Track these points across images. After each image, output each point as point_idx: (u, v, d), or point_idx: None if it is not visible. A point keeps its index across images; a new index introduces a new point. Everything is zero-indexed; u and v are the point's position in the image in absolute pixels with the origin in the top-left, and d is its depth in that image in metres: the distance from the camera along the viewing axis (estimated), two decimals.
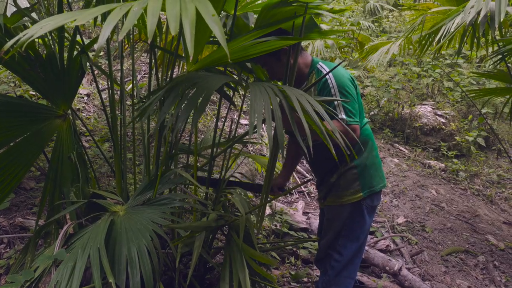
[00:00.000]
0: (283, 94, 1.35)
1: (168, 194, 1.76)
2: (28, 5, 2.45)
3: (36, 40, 2.04)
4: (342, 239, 2.05)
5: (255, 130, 1.13)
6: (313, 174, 2.31)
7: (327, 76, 1.82)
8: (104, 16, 2.01)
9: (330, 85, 1.82)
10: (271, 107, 1.27)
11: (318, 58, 2.13)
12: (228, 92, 2.27)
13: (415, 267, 3.15)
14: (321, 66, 1.92)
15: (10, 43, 0.95)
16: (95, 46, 5.24)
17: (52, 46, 1.83)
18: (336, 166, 2.01)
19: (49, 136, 1.75)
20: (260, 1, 2.04)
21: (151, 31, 0.88)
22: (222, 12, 1.99)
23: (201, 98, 1.29)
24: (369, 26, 7.62)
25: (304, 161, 4.71)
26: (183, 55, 1.84)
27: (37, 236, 1.66)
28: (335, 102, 1.79)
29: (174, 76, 2.14)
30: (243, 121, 5.01)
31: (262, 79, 2.01)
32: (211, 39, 1.96)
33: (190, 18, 0.93)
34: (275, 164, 1.64)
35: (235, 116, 5.16)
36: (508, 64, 3.61)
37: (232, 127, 4.38)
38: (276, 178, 2.31)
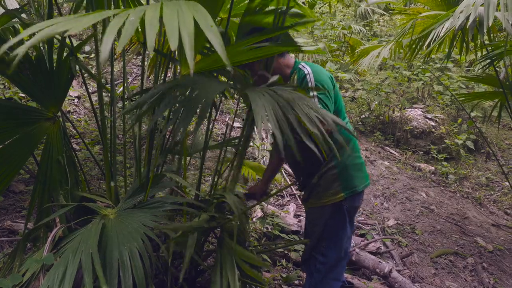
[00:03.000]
0: (280, 97, 1.37)
1: (159, 197, 1.75)
2: (18, 6, 2.43)
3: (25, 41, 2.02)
4: (325, 241, 2.06)
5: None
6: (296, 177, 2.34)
7: (306, 73, 1.91)
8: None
9: (308, 80, 1.89)
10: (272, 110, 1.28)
11: (309, 61, 2.19)
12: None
13: (405, 269, 3.17)
14: (302, 66, 1.97)
15: (3, 48, 0.93)
16: (86, 48, 5.20)
17: (42, 48, 1.81)
18: (317, 167, 2.02)
19: (38, 138, 1.73)
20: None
21: (151, 46, 0.87)
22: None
23: (200, 106, 1.29)
24: (360, 30, 7.68)
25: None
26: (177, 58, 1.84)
27: (25, 239, 1.64)
28: (311, 94, 1.83)
29: (167, 79, 2.13)
30: (234, 124, 5.01)
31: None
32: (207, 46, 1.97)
33: (188, 30, 0.93)
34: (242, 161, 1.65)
35: (227, 119, 5.16)
36: (497, 68, 3.66)
37: (224, 130, 4.37)
38: (257, 184, 2.39)
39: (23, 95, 3.67)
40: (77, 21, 0.97)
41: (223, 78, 2.05)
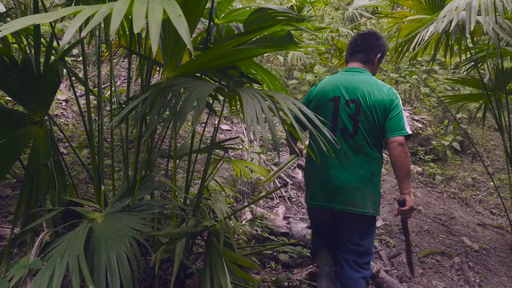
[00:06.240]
0: (270, 98, 1.39)
1: (147, 200, 1.75)
2: (4, 10, 2.41)
3: (12, 45, 2.01)
4: None
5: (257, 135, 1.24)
6: None
7: None
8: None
9: None
10: (262, 109, 1.32)
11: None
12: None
13: (393, 269, 3.21)
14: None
15: None
16: (74, 52, 5.17)
17: (28, 52, 1.80)
18: None
19: (25, 143, 1.72)
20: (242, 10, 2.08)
21: (113, 31, 0.91)
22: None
23: (196, 107, 1.31)
24: (348, 33, 7.74)
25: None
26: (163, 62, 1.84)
27: (12, 245, 1.63)
28: None
29: (155, 82, 2.13)
30: (223, 127, 5.02)
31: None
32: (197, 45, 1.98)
33: (157, 18, 0.95)
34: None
35: (216, 122, 5.16)
36: (481, 71, 3.74)
37: (211, 132, 4.37)
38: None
39: (10, 98, 3.63)
40: (50, 14, 1.00)
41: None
